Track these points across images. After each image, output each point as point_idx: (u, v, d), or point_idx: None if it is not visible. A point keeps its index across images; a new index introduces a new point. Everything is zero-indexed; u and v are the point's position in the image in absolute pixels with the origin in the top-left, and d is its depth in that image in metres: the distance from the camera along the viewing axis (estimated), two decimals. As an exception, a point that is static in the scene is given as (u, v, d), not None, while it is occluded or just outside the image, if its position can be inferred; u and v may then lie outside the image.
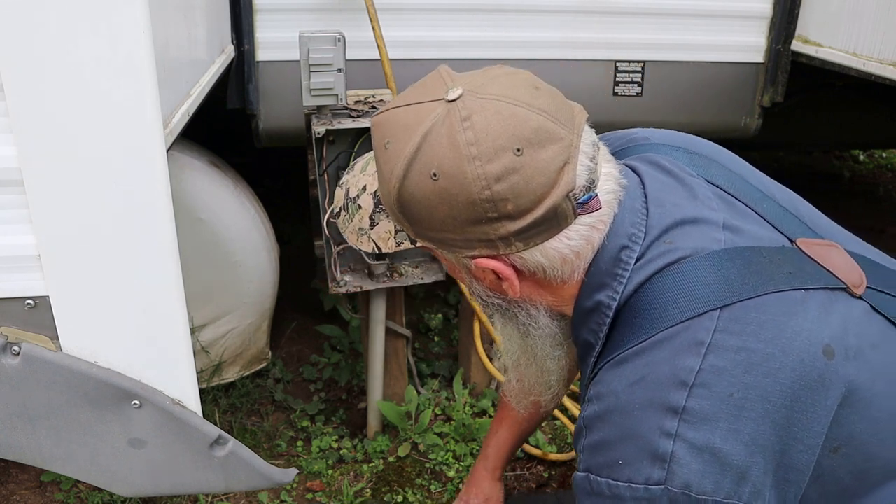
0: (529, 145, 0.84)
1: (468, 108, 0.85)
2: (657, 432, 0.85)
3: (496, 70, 0.92)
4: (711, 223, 0.95)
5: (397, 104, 0.91)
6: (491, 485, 1.63)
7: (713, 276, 0.90)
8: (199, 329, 2.16)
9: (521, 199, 0.85)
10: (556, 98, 0.91)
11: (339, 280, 1.98)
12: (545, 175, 0.85)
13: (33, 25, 1.06)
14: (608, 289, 0.95)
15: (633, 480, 0.86)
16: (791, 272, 0.93)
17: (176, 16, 1.45)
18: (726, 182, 1.04)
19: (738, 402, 0.85)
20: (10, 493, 2.07)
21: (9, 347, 1.26)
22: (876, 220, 3.97)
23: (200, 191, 2.08)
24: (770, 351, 0.87)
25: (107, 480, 1.42)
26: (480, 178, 0.84)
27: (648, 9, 2.40)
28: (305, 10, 2.20)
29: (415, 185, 0.87)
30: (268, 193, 2.71)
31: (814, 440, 0.88)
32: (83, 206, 1.17)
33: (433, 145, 0.85)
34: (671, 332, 0.89)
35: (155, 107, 1.14)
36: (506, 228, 0.87)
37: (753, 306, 0.89)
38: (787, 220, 1.02)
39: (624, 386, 0.90)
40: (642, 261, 0.93)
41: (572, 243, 0.91)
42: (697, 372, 0.86)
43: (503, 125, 0.84)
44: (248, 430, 2.31)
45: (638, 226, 0.94)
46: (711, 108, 2.58)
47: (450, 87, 0.87)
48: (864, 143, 4.23)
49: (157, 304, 1.26)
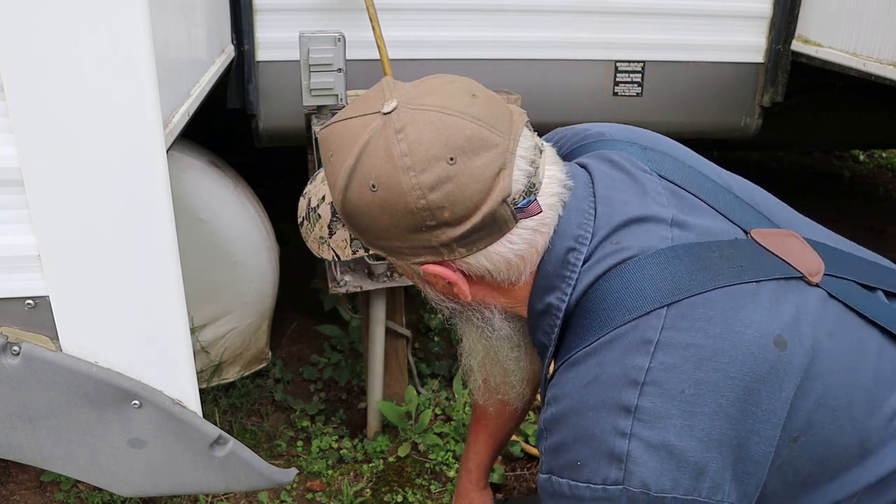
0: (463, 153, 0.86)
1: (402, 120, 0.87)
2: (612, 432, 0.86)
3: (434, 80, 0.93)
4: (660, 221, 0.96)
5: (340, 118, 0.94)
6: (478, 495, 1.65)
7: (660, 275, 0.91)
8: (199, 329, 2.16)
9: (457, 206, 0.87)
10: (493, 105, 0.91)
11: (339, 280, 1.98)
12: (480, 182, 0.86)
13: (33, 25, 1.06)
14: (557, 291, 0.96)
15: (592, 481, 0.87)
16: (742, 265, 0.93)
17: (176, 16, 1.45)
18: (680, 176, 1.04)
19: (691, 399, 0.85)
20: (10, 493, 2.07)
21: (9, 347, 1.26)
22: (876, 220, 3.97)
23: (200, 191, 2.08)
24: (719, 346, 0.87)
25: (107, 480, 1.42)
26: (415, 188, 0.86)
27: (648, 9, 2.40)
28: (305, 10, 2.20)
29: (357, 196, 0.89)
30: (268, 193, 2.71)
31: (771, 431, 0.88)
32: (83, 206, 1.17)
33: (371, 157, 0.88)
34: (620, 332, 0.90)
35: (155, 107, 1.14)
36: (446, 235, 0.89)
37: (700, 302, 0.89)
38: (742, 211, 1.03)
39: (577, 387, 0.91)
40: (590, 262, 0.94)
41: (515, 247, 0.92)
42: (647, 370, 0.86)
43: (436, 135, 0.86)
44: (248, 430, 2.31)
45: (584, 227, 0.95)
46: (711, 108, 2.58)
47: (386, 100, 0.90)
48: (864, 143, 4.23)
49: (157, 304, 1.26)
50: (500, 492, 2.12)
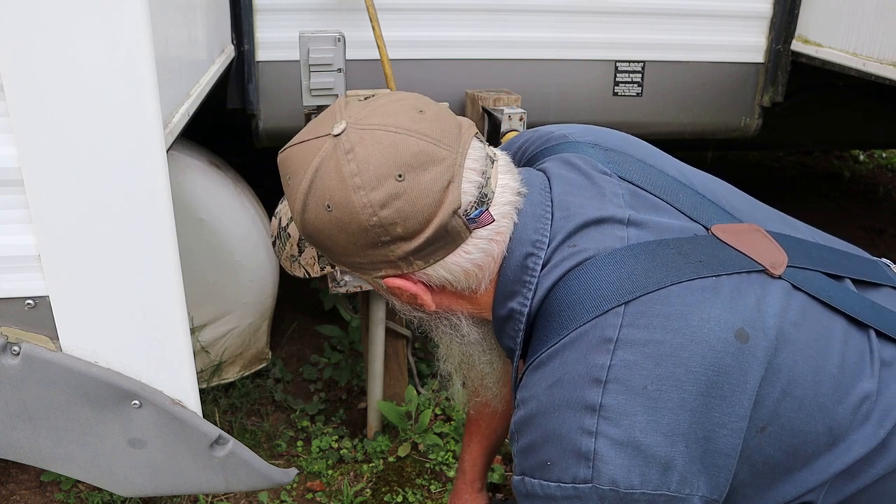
0: (410, 170, 0.88)
1: (351, 141, 0.89)
2: (578, 431, 0.87)
3: (382, 99, 0.95)
4: (616, 222, 0.97)
5: (295, 141, 0.96)
6: (473, 497, 1.66)
7: (616, 274, 0.92)
8: (199, 329, 2.16)
9: (408, 221, 0.89)
10: (441, 119, 0.93)
11: (339, 280, 1.98)
12: (429, 196, 0.88)
13: (33, 26, 1.06)
14: (518, 296, 0.97)
15: (562, 480, 0.88)
16: (702, 260, 0.94)
17: (176, 16, 1.45)
18: (640, 177, 1.05)
19: (653, 395, 0.86)
20: (10, 493, 2.07)
21: (9, 347, 1.26)
22: (876, 220, 3.97)
23: (200, 191, 2.08)
24: (679, 341, 0.88)
25: (107, 480, 1.42)
26: (367, 207, 0.88)
27: (648, 9, 2.40)
28: (305, 10, 2.20)
29: (314, 217, 0.92)
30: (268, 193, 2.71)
31: (738, 423, 0.89)
32: (83, 206, 1.17)
33: (324, 179, 0.90)
34: (580, 332, 0.91)
35: (155, 107, 1.14)
36: (402, 249, 0.91)
37: (658, 298, 0.90)
38: (703, 207, 1.03)
39: (543, 388, 0.92)
40: (549, 266, 0.96)
41: (471, 257, 0.94)
42: (609, 368, 0.87)
43: (383, 153, 0.88)
44: (248, 430, 2.31)
45: (542, 232, 0.96)
46: (711, 108, 2.58)
47: (336, 122, 0.92)
48: (864, 143, 4.23)
49: (157, 304, 1.26)
50: (500, 492, 2.12)
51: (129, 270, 1.23)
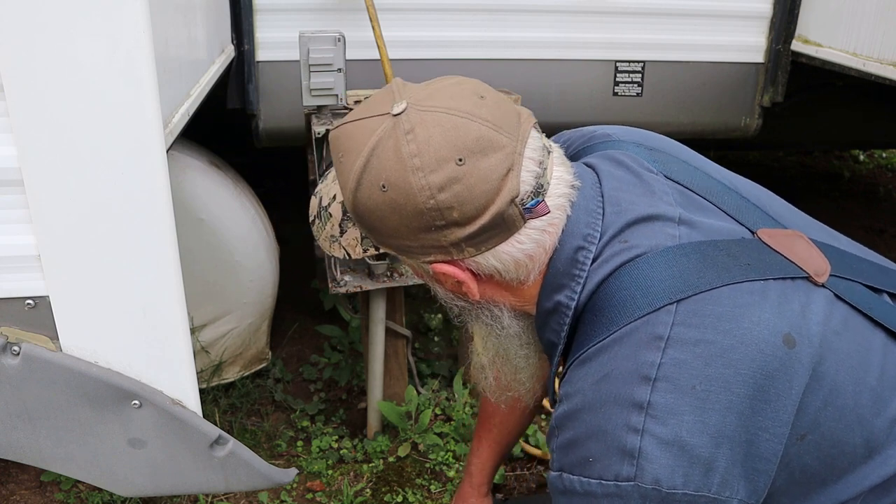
0: (471, 155, 0.87)
1: (411, 122, 0.88)
2: (624, 428, 0.86)
3: (442, 81, 0.95)
4: (667, 219, 0.97)
5: (350, 119, 0.95)
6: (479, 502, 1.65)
7: (668, 272, 0.92)
8: (199, 329, 2.16)
9: (465, 206, 0.88)
10: (502, 106, 0.92)
11: (339, 280, 1.98)
12: (488, 183, 0.87)
13: (33, 26, 1.06)
14: (566, 289, 0.97)
15: (604, 477, 0.87)
16: (749, 263, 0.94)
17: (176, 16, 1.45)
18: (686, 177, 1.05)
19: (702, 395, 0.86)
20: (10, 493, 2.07)
21: (9, 347, 1.26)
22: (876, 220, 3.97)
23: (200, 191, 2.08)
24: (729, 342, 0.88)
25: (107, 480, 1.42)
26: (425, 189, 0.87)
27: (648, 9, 2.40)
28: (305, 10, 2.20)
29: (367, 196, 0.90)
30: (268, 193, 2.71)
31: (781, 429, 0.89)
32: (83, 206, 1.17)
33: (381, 158, 0.89)
34: (630, 328, 0.91)
35: (155, 107, 1.14)
36: (455, 235, 0.90)
37: (710, 299, 0.90)
38: (749, 211, 1.03)
39: (590, 384, 0.91)
40: (599, 260, 0.95)
41: (524, 247, 0.93)
42: (659, 366, 0.87)
43: (444, 136, 0.87)
44: (248, 430, 2.31)
45: (593, 226, 0.96)
46: (711, 108, 2.58)
47: (395, 101, 0.91)
48: (864, 143, 4.23)
49: (157, 304, 1.26)
50: (500, 492, 2.12)
51: (129, 270, 1.23)
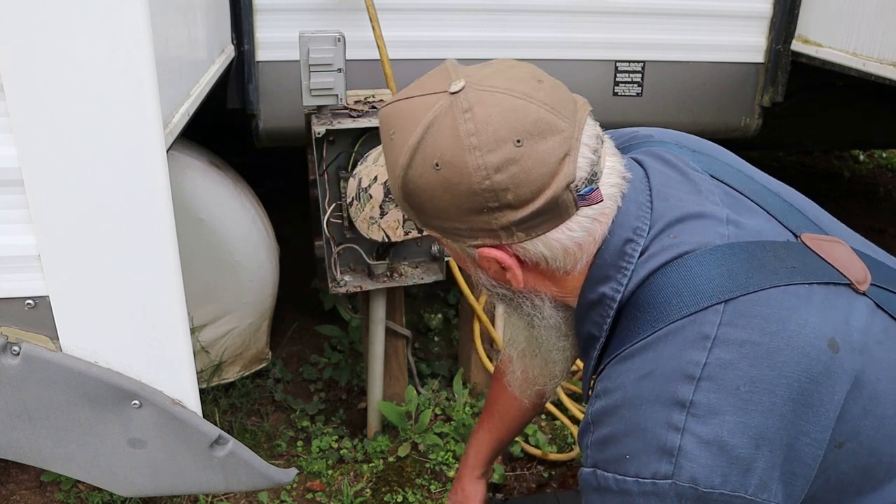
0: (529, 137, 0.85)
1: (470, 100, 0.87)
2: (665, 426, 0.86)
3: (500, 63, 0.93)
4: (715, 218, 0.96)
5: (403, 96, 0.93)
6: (471, 482, 1.64)
7: (717, 271, 0.91)
8: (199, 329, 2.16)
9: (521, 189, 0.86)
10: (559, 91, 0.91)
11: (339, 280, 1.98)
12: (545, 166, 0.86)
13: (33, 26, 1.06)
14: (612, 281, 0.95)
15: (641, 475, 0.86)
16: (795, 266, 0.93)
17: (176, 16, 1.45)
18: (731, 178, 1.04)
19: (745, 396, 0.85)
20: (10, 493, 2.07)
21: (9, 347, 1.26)
22: (876, 220, 3.97)
23: (200, 191, 2.08)
24: (775, 344, 0.87)
25: (107, 480, 1.42)
26: (481, 168, 0.85)
27: (648, 9, 2.40)
28: (305, 10, 2.20)
29: (418, 174, 0.89)
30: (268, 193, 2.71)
31: (821, 434, 0.88)
32: (83, 206, 1.17)
33: (436, 136, 0.87)
34: (677, 326, 0.90)
35: (155, 107, 1.14)
36: (507, 218, 0.88)
37: (758, 300, 0.89)
38: (791, 215, 1.03)
39: (631, 380, 0.91)
40: (646, 254, 0.94)
41: (574, 235, 0.92)
42: (704, 365, 0.86)
43: (503, 117, 0.86)
44: (248, 430, 2.31)
45: (642, 219, 0.95)
46: (711, 108, 2.58)
47: (453, 80, 0.90)
48: (864, 143, 4.23)
49: (157, 304, 1.26)
50: (500, 492, 2.13)
51: (129, 270, 1.23)
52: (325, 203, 1.92)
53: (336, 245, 1.96)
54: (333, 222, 1.95)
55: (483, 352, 2.37)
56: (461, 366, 2.52)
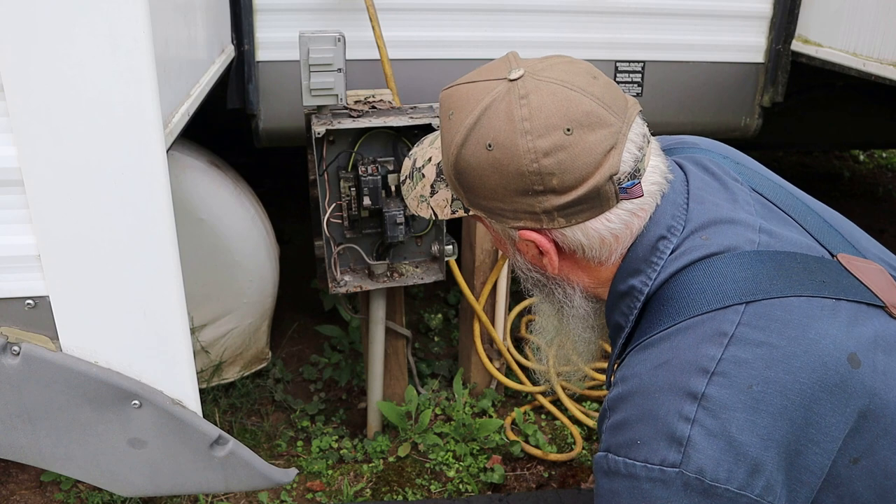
0: (579, 126, 0.90)
1: (526, 88, 0.92)
2: (675, 415, 0.87)
3: (559, 58, 0.99)
4: (748, 225, 0.98)
5: (465, 80, 0.99)
6: None
7: (742, 274, 0.93)
8: (199, 329, 2.16)
9: (566, 175, 0.90)
10: (612, 88, 0.95)
11: (339, 280, 1.98)
12: (591, 156, 0.90)
13: (33, 26, 1.06)
14: (642, 275, 0.98)
15: (649, 461, 0.88)
16: (825, 281, 0.94)
17: (176, 16, 1.45)
18: (771, 192, 1.07)
19: (757, 395, 0.86)
20: (10, 493, 2.07)
21: (9, 347, 1.26)
22: (876, 220, 3.97)
23: (200, 191, 2.08)
24: (793, 349, 0.88)
25: (107, 480, 1.42)
26: (530, 152, 0.90)
27: (648, 9, 2.40)
28: (305, 10, 2.20)
29: (471, 153, 0.94)
30: (268, 193, 2.71)
31: (830, 444, 0.89)
32: (83, 206, 1.17)
33: (491, 118, 0.92)
34: (696, 321, 0.92)
35: (155, 107, 1.14)
36: (550, 202, 0.93)
37: (779, 305, 0.91)
38: (829, 234, 1.04)
39: (648, 369, 0.93)
40: (677, 252, 0.97)
41: (612, 226, 0.96)
42: (719, 361, 0.87)
43: (556, 105, 0.91)
44: (248, 430, 2.31)
45: (678, 219, 0.98)
46: (711, 108, 2.58)
47: (513, 69, 0.95)
48: (864, 143, 4.23)
49: (157, 304, 1.26)
50: (500, 491, 2.12)
51: (129, 270, 1.23)
52: (325, 203, 1.92)
53: (336, 245, 1.96)
54: (333, 222, 1.95)
55: (483, 352, 2.37)
56: (461, 366, 2.52)
